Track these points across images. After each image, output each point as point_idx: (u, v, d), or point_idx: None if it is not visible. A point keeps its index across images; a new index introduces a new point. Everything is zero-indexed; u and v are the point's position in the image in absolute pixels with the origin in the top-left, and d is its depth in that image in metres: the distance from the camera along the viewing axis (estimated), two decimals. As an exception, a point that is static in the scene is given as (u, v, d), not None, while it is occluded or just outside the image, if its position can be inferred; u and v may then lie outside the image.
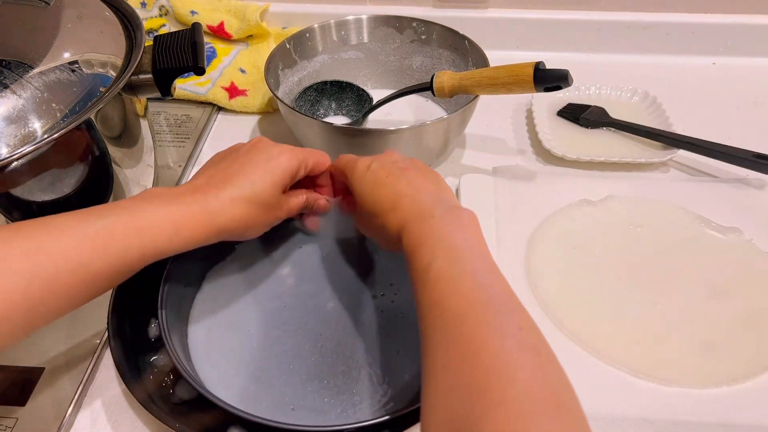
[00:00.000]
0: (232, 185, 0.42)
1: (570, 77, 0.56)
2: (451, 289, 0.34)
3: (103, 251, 0.36)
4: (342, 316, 0.50)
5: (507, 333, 0.31)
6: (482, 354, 0.30)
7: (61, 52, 0.48)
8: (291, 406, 0.44)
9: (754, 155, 0.65)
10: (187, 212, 0.40)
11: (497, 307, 0.33)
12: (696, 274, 0.56)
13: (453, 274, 0.35)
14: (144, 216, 0.38)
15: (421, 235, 0.38)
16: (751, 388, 0.48)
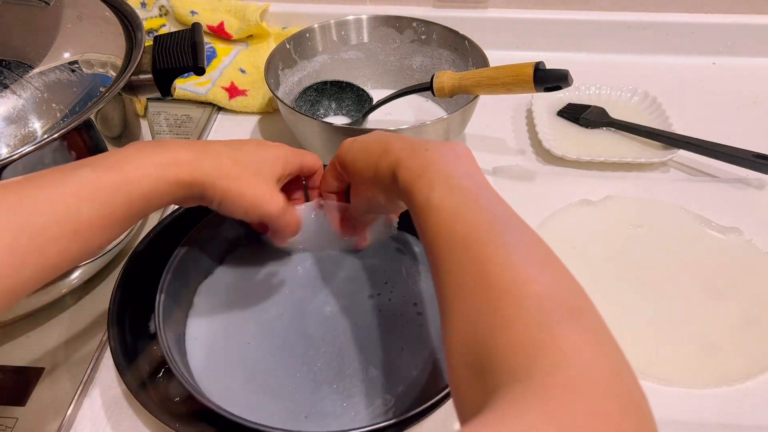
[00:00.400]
0: (225, 146, 0.43)
1: (570, 77, 0.56)
2: (454, 216, 0.33)
3: (91, 200, 0.35)
4: (341, 319, 0.50)
5: (513, 249, 0.31)
6: (492, 274, 0.30)
7: (61, 52, 0.48)
8: (304, 414, 0.44)
9: (754, 155, 0.65)
10: (173, 156, 0.39)
11: (500, 227, 0.33)
12: (696, 274, 0.56)
13: (454, 202, 0.34)
14: (129, 163, 0.37)
15: (416, 168, 0.37)
16: (751, 388, 0.48)
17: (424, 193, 0.36)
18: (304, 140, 0.68)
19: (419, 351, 0.48)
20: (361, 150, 0.44)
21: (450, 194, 0.35)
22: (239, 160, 0.42)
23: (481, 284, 0.30)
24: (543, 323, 0.27)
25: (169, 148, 0.39)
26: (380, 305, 0.51)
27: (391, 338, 0.49)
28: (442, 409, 0.42)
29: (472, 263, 0.31)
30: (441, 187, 0.35)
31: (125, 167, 0.37)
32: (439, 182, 0.36)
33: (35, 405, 0.47)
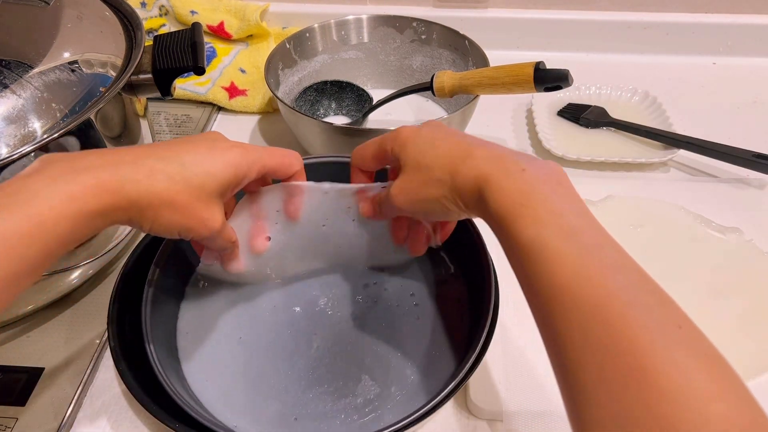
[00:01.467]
0: (157, 157, 0.35)
1: (570, 77, 0.56)
2: (578, 274, 0.28)
3: None
4: (335, 311, 0.49)
5: (670, 338, 0.26)
6: (651, 373, 0.24)
7: (61, 52, 0.48)
8: (294, 416, 0.43)
9: (754, 155, 0.65)
10: (91, 181, 0.32)
11: (642, 296, 0.27)
12: (696, 274, 0.56)
13: (574, 252, 0.29)
14: (41, 199, 0.31)
15: (515, 194, 0.32)
16: (751, 388, 0.48)
17: (530, 231, 0.30)
18: (304, 140, 0.68)
19: (416, 348, 0.47)
20: (432, 145, 0.38)
21: (566, 240, 0.29)
22: (175, 176, 0.35)
23: (637, 382, 0.24)
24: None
25: (87, 169, 0.33)
26: (376, 296, 0.50)
27: (385, 334, 0.48)
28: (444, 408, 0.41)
29: (617, 347, 0.25)
30: (552, 227, 0.30)
31: (36, 208, 0.30)
32: (549, 221, 0.30)
33: (35, 405, 0.47)
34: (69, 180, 0.32)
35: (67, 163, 0.33)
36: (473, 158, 0.35)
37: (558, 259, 0.29)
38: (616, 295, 0.27)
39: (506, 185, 0.32)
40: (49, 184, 0.31)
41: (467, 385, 0.47)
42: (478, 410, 0.47)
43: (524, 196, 0.31)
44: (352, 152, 0.44)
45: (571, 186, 0.33)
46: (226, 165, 0.37)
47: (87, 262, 0.53)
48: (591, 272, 0.28)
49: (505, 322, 0.52)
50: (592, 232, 0.30)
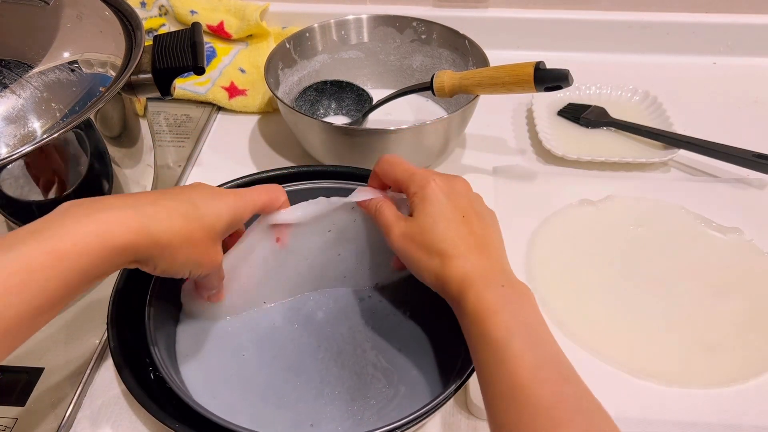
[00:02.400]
0: (171, 198, 0.38)
1: (570, 77, 0.56)
2: (536, 377, 0.33)
3: (20, 291, 0.30)
4: (335, 324, 0.50)
5: None
6: None
7: (61, 51, 0.48)
8: (310, 423, 0.44)
9: (754, 155, 0.65)
10: (114, 218, 0.34)
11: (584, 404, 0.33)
12: (696, 274, 0.56)
13: (533, 359, 0.34)
14: (64, 234, 0.32)
15: (491, 302, 0.37)
16: (751, 388, 0.48)
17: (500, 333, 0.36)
18: (304, 140, 0.68)
19: (416, 350, 0.48)
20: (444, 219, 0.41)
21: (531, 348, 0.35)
22: (190, 215, 0.38)
23: None
24: None
25: (110, 209, 0.34)
26: (373, 307, 0.51)
27: (387, 339, 0.49)
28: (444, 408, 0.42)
29: None
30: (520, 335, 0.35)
31: (59, 243, 0.32)
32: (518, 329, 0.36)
33: (35, 405, 0.47)
34: (93, 219, 0.33)
35: (90, 205, 0.35)
36: (465, 260, 0.39)
37: (520, 361, 0.34)
38: (565, 401, 0.32)
39: (486, 295, 0.37)
40: (73, 222, 0.33)
41: (467, 385, 0.47)
42: (478, 410, 0.47)
43: (499, 305, 0.37)
44: (383, 157, 0.45)
45: (537, 307, 0.38)
46: (228, 208, 0.41)
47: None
48: (549, 378, 0.33)
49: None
50: (549, 345, 0.36)
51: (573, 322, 0.52)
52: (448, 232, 0.40)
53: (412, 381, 0.46)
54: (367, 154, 0.63)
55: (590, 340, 0.51)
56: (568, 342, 0.51)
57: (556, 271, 0.57)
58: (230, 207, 0.41)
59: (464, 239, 0.40)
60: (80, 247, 0.32)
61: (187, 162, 0.70)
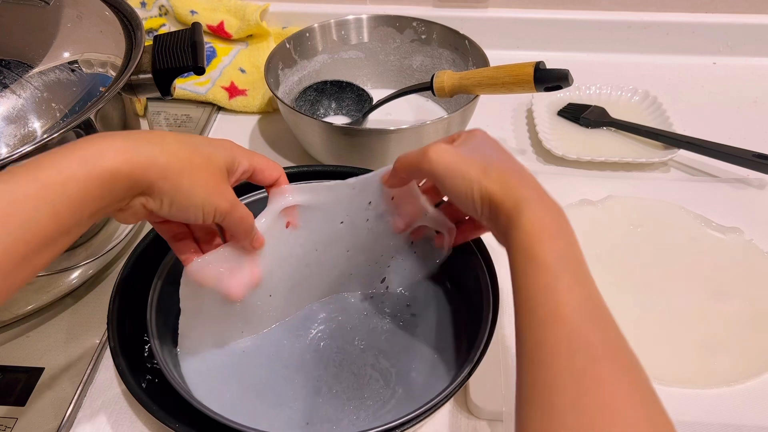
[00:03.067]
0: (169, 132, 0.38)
1: (570, 77, 0.56)
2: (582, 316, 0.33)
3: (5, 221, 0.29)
4: (336, 323, 0.50)
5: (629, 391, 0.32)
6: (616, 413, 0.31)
7: (61, 51, 0.48)
8: (306, 421, 0.44)
9: (754, 155, 0.65)
10: (102, 145, 0.32)
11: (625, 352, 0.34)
12: (696, 274, 0.56)
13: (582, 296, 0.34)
14: (50, 164, 0.31)
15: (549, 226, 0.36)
16: (751, 388, 0.48)
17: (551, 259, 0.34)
18: (304, 140, 0.68)
19: (415, 353, 0.48)
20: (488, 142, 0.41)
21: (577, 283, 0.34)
22: (185, 141, 0.37)
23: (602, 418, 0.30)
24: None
25: (100, 138, 0.33)
26: (374, 307, 0.51)
27: (386, 340, 0.49)
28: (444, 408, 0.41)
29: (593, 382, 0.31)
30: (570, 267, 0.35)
31: (45, 171, 0.31)
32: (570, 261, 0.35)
33: (35, 405, 0.47)
34: (80, 146, 0.32)
35: (83, 138, 0.33)
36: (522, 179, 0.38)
37: (569, 294, 0.33)
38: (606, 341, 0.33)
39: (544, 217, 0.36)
40: (63, 152, 0.32)
41: (467, 385, 0.47)
42: (478, 410, 0.47)
43: (555, 232, 0.36)
44: None
45: None
46: (223, 148, 0.39)
47: (87, 262, 0.53)
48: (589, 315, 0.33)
49: (505, 323, 0.52)
50: (594, 286, 0.35)
51: (573, 322, 0.52)
52: (499, 156, 0.40)
53: (410, 383, 0.46)
54: (367, 154, 0.63)
55: (590, 340, 0.51)
56: (568, 342, 0.51)
57: (556, 271, 0.57)
58: (224, 148, 0.39)
59: (513, 163, 0.40)
60: (65, 174, 0.31)
61: (187, 162, 0.70)
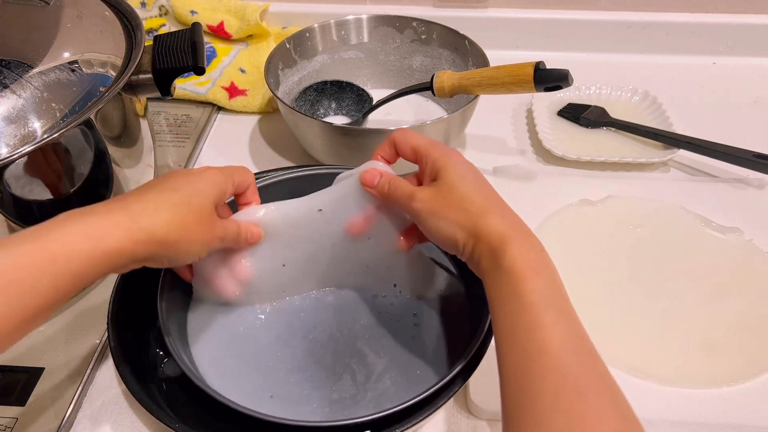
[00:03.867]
0: (156, 190, 0.38)
1: (570, 77, 0.56)
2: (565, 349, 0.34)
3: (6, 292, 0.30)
4: (338, 311, 0.50)
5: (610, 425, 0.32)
6: None
7: (61, 51, 0.48)
8: (270, 394, 0.45)
9: (754, 155, 0.65)
10: (104, 221, 0.34)
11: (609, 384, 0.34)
12: (696, 273, 0.56)
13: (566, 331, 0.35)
14: (54, 237, 0.32)
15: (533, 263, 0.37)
16: (751, 388, 0.48)
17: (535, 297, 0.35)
18: (304, 140, 0.68)
19: (399, 365, 0.47)
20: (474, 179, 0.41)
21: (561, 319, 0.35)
22: (176, 201, 0.38)
23: None
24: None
25: (98, 213, 0.35)
26: (381, 307, 0.51)
27: (378, 342, 0.48)
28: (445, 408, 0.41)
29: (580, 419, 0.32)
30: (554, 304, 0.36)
31: (47, 243, 0.32)
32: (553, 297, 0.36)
33: (35, 405, 0.47)
34: (83, 221, 0.34)
35: (82, 211, 0.35)
36: (503, 216, 0.39)
37: (553, 330, 0.34)
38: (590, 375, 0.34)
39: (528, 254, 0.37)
40: (66, 227, 0.33)
41: (467, 385, 0.47)
42: (478, 410, 0.47)
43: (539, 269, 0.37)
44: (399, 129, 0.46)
45: None
46: (210, 183, 0.41)
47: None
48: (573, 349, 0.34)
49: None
50: (577, 320, 0.36)
51: (573, 322, 0.52)
52: (479, 189, 0.40)
53: (381, 390, 0.45)
54: (367, 154, 0.62)
55: (590, 340, 0.51)
56: (568, 342, 0.51)
57: (556, 271, 0.57)
58: (211, 182, 0.41)
59: (495, 198, 0.41)
60: (69, 248, 0.32)
61: (187, 162, 0.70)
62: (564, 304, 0.36)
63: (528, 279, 0.36)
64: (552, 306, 0.35)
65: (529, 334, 0.34)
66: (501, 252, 0.37)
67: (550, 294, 0.36)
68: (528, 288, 0.36)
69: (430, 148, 0.43)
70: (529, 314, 0.35)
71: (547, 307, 0.35)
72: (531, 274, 0.36)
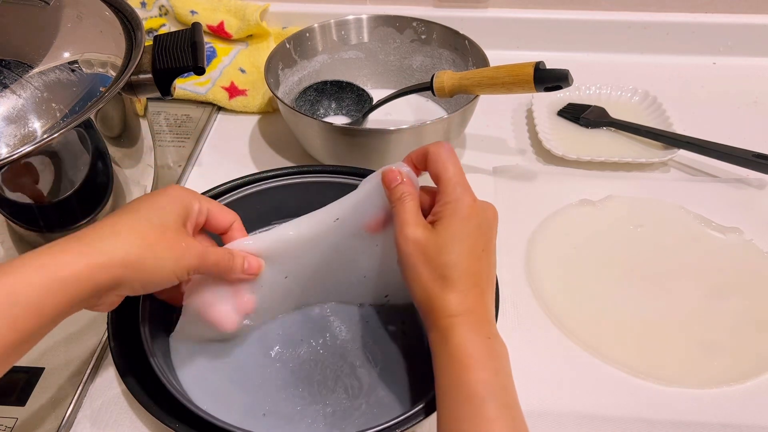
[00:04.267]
0: (114, 215, 0.37)
1: (570, 77, 0.56)
2: None
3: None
4: (325, 323, 0.50)
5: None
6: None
7: (61, 51, 0.48)
8: (263, 412, 0.44)
9: (754, 155, 0.65)
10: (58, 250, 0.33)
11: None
12: (696, 274, 0.56)
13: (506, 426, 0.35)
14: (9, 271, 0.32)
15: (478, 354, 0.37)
16: (751, 388, 0.48)
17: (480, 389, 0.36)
18: (304, 140, 0.68)
19: (393, 373, 0.47)
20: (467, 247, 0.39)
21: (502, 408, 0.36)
22: (134, 222, 0.37)
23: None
24: None
25: (55, 244, 0.34)
26: (368, 316, 0.50)
27: (369, 352, 0.48)
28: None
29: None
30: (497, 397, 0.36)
31: (3, 279, 0.31)
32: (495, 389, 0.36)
33: (35, 405, 0.47)
34: (37, 255, 0.33)
35: (37, 249, 0.34)
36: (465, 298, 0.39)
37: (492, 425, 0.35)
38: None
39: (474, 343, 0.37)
40: (19, 261, 0.32)
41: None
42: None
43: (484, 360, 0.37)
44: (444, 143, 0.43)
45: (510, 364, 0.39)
46: (171, 199, 0.40)
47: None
48: None
49: (504, 325, 0.52)
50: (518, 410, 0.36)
51: (573, 322, 0.52)
52: (461, 262, 0.39)
53: (376, 401, 0.45)
54: (367, 154, 0.63)
55: (590, 340, 0.51)
56: (568, 342, 0.51)
57: (556, 271, 0.57)
58: (173, 197, 0.40)
59: (473, 276, 0.39)
60: (24, 280, 0.31)
61: (187, 162, 0.70)
62: (506, 396, 0.36)
63: (470, 369, 0.36)
64: (493, 400, 0.35)
65: (470, 423, 0.35)
66: (450, 336, 0.37)
67: (491, 387, 0.36)
68: (470, 378, 0.36)
69: (450, 186, 0.41)
70: (470, 405, 0.35)
71: (489, 401, 0.35)
72: (473, 363, 0.36)
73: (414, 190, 0.42)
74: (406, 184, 0.42)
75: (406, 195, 0.42)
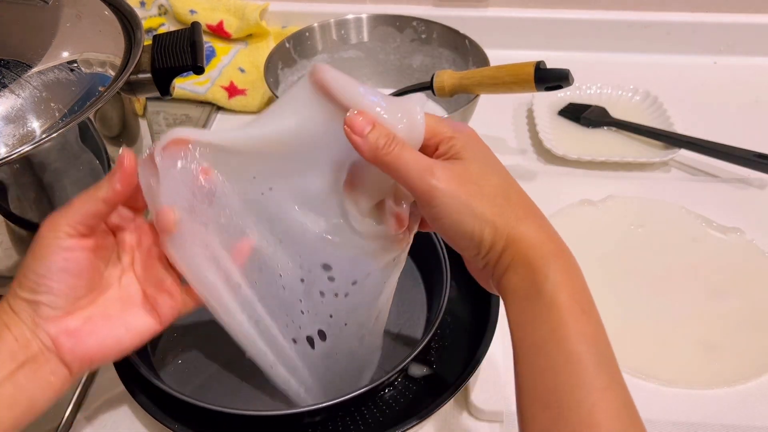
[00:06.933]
0: None
1: (571, 77, 0.56)
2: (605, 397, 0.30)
3: None
4: None
5: None
6: None
7: (60, 51, 0.48)
8: None
9: (755, 155, 0.65)
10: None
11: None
12: (697, 274, 0.56)
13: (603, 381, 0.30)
14: None
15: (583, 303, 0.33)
16: (751, 389, 0.48)
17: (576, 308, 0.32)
18: (304, 140, 0.68)
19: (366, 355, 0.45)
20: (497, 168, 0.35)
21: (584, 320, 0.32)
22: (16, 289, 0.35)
23: None
24: None
25: None
26: None
27: None
28: (444, 408, 0.41)
29: None
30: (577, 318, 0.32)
31: None
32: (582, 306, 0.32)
33: (34, 405, 0.47)
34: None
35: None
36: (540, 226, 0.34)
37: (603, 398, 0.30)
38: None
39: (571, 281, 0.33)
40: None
41: (467, 385, 0.47)
42: (478, 411, 0.47)
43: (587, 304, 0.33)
44: None
45: None
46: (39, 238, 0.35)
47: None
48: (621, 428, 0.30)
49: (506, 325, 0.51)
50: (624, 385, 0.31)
51: (573, 323, 0.52)
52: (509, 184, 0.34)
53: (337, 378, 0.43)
54: (367, 154, 0.63)
55: (590, 340, 0.51)
56: (569, 342, 0.51)
57: (557, 271, 0.57)
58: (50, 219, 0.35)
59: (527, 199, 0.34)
60: None
61: (186, 162, 0.70)
62: (613, 361, 0.31)
63: (576, 320, 0.30)
64: (602, 363, 0.30)
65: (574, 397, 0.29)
66: (541, 273, 0.31)
67: (598, 345, 0.30)
68: (575, 331, 0.30)
69: (440, 123, 0.34)
70: (575, 369, 0.29)
71: (598, 365, 0.30)
72: (579, 312, 0.31)
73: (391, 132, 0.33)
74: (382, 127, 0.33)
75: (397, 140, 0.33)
